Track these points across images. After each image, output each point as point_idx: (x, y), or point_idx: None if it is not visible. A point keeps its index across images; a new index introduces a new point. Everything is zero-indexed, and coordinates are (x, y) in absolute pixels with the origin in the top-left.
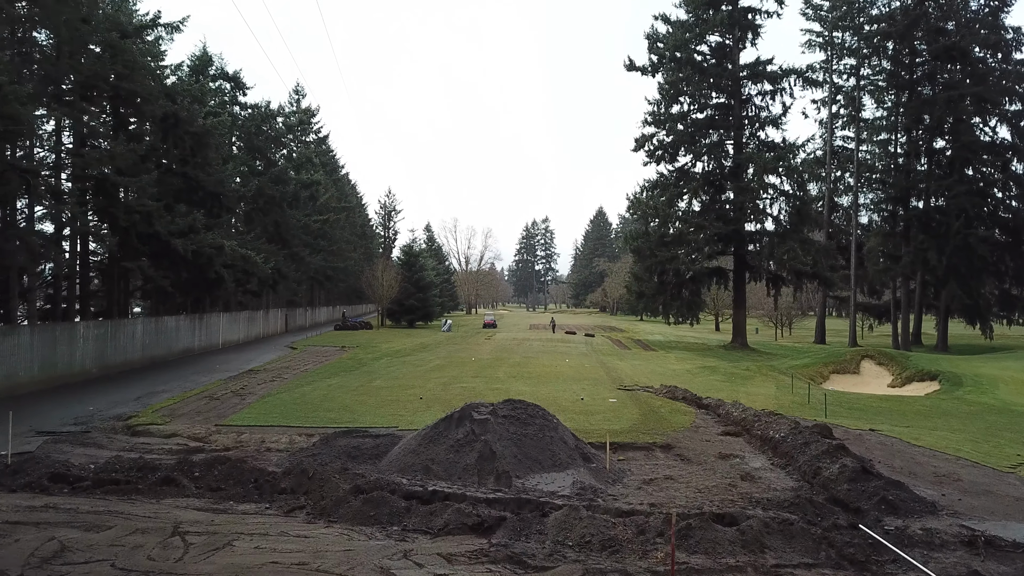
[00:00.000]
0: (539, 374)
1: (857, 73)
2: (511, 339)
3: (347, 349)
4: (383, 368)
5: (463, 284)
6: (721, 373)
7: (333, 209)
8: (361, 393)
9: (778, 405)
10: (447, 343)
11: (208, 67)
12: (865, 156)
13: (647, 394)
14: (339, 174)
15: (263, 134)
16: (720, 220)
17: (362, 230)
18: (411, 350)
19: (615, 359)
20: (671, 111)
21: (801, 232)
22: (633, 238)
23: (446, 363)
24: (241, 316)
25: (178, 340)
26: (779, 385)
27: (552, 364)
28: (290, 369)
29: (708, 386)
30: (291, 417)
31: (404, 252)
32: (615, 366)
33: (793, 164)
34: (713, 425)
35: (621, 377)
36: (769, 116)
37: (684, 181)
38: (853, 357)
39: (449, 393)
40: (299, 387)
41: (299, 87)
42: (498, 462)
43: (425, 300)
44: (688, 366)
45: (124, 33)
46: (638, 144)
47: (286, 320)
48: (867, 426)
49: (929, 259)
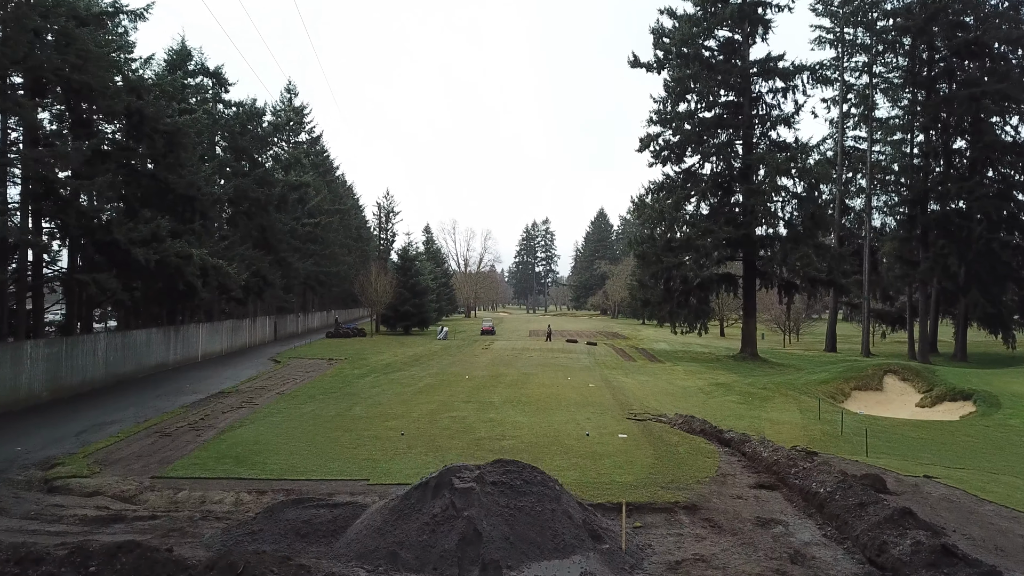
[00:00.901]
0: (538, 397)
1: (870, 70)
2: (509, 349)
3: (334, 362)
4: (367, 389)
5: (462, 287)
6: (736, 392)
7: (326, 212)
8: (335, 426)
9: (808, 437)
10: (442, 353)
11: (187, 62)
12: (879, 157)
13: (660, 425)
14: (333, 175)
15: (248, 134)
16: (729, 224)
17: (358, 232)
18: (402, 364)
19: (620, 374)
20: (678, 109)
21: (815, 237)
22: (638, 243)
23: (437, 382)
24: (223, 326)
25: (150, 355)
26: (802, 408)
27: (552, 383)
28: (266, 390)
29: (725, 410)
30: (246, 463)
31: (400, 256)
32: (621, 384)
33: (807, 165)
34: (742, 472)
35: (628, 399)
36: (781, 115)
37: (691, 183)
38: (875, 372)
39: (436, 426)
40: (268, 417)
41: (291, 85)
42: (484, 547)
43: (421, 306)
44: (699, 382)
45: (82, 21)
46: (643, 144)
47: (275, 328)
48: (919, 470)
49: (949, 265)
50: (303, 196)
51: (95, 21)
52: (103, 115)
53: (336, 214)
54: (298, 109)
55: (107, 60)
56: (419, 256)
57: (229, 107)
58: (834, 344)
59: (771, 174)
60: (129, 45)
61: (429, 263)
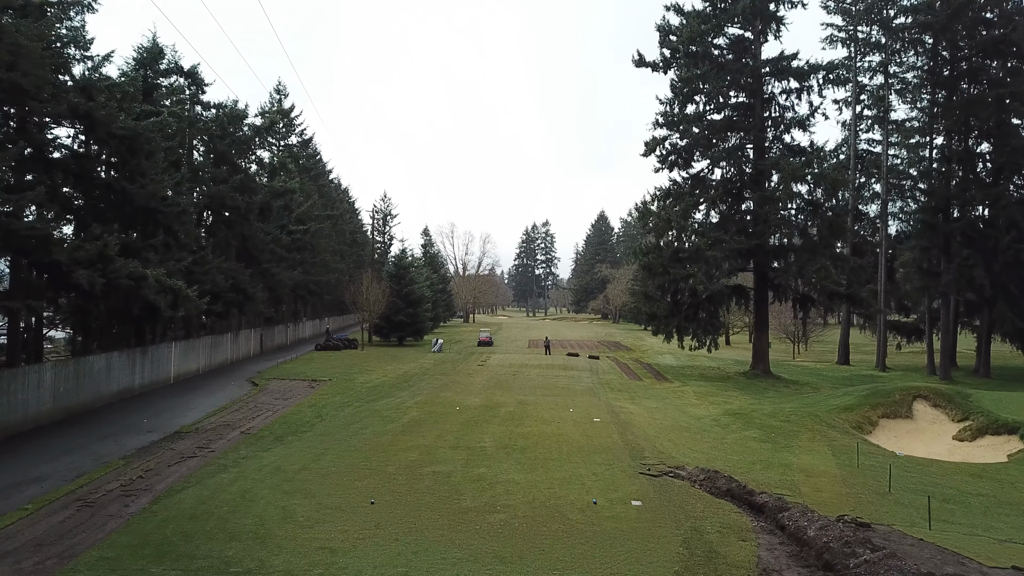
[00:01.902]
0: (537, 439)
1: (885, 70)
2: (506, 365)
3: (317, 385)
4: (344, 426)
5: (460, 291)
6: (756, 426)
7: (316, 218)
8: (295, 488)
9: (853, 497)
10: (434, 371)
11: (158, 61)
12: (895, 161)
13: (679, 483)
14: (326, 179)
15: (229, 137)
16: (741, 233)
17: (353, 237)
18: (391, 385)
19: (626, 399)
20: (685, 111)
21: (832, 247)
22: (643, 252)
23: (424, 415)
24: (201, 343)
25: (110, 381)
26: (835, 449)
27: (553, 417)
28: (229, 428)
29: (747, 452)
30: (168, 557)
31: (394, 264)
32: (629, 416)
33: (824, 170)
34: (787, 564)
35: (638, 439)
36: (795, 117)
37: (700, 189)
38: (904, 398)
39: (415, 489)
40: (219, 472)
41: (280, 86)
42: None
43: (415, 316)
44: (712, 409)
45: (18, 11)
46: (648, 148)
47: (261, 341)
48: (1003, 555)
49: (975, 276)
50: (289, 203)
51: (36, 12)
52: (47, 119)
53: (327, 220)
54: (287, 111)
55: (44, 56)
56: (414, 263)
57: (208, 109)
58: (847, 356)
59: (785, 180)
60: (84, 41)
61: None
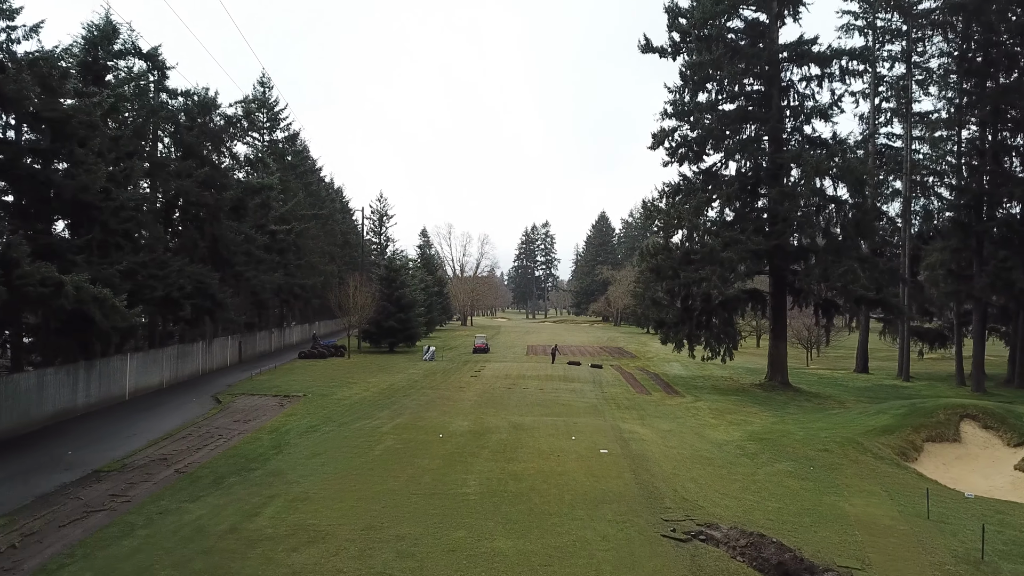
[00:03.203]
0: (532, 482)
1: (908, 59)
2: (502, 376)
3: (289, 402)
4: (303, 459)
5: (457, 293)
6: (789, 456)
7: (302, 217)
8: (210, 565)
9: (936, 566)
10: (422, 383)
11: (112, 40)
12: (918, 156)
13: (717, 554)
14: (314, 176)
15: (198, 128)
16: (758, 233)
17: (345, 239)
18: (370, 402)
19: (635, 419)
20: (696, 100)
21: (859, 248)
22: (651, 253)
23: (401, 444)
24: (165, 354)
25: (43, 402)
26: (890, 488)
27: (552, 448)
28: (165, 463)
29: (787, 496)
30: None
31: (384, 267)
32: (641, 444)
33: (849, 163)
34: None
35: (655, 480)
36: (816, 106)
37: (713, 185)
38: (948, 418)
39: (368, 567)
40: (120, 539)
41: (264, 78)
42: None
43: (407, 321)
44: (734, 433)
45: None
46: (656, 140)
47: (240, 349)
48: None
49: (1014, 280)
50: (267, 200)
51: None
52: None
53: (314, 219)
54: (267, 102)
55: None
56: (406, 265)
57: (175, 97)
58: (866, 364)
59: (808, 174)
60: (8, 10)
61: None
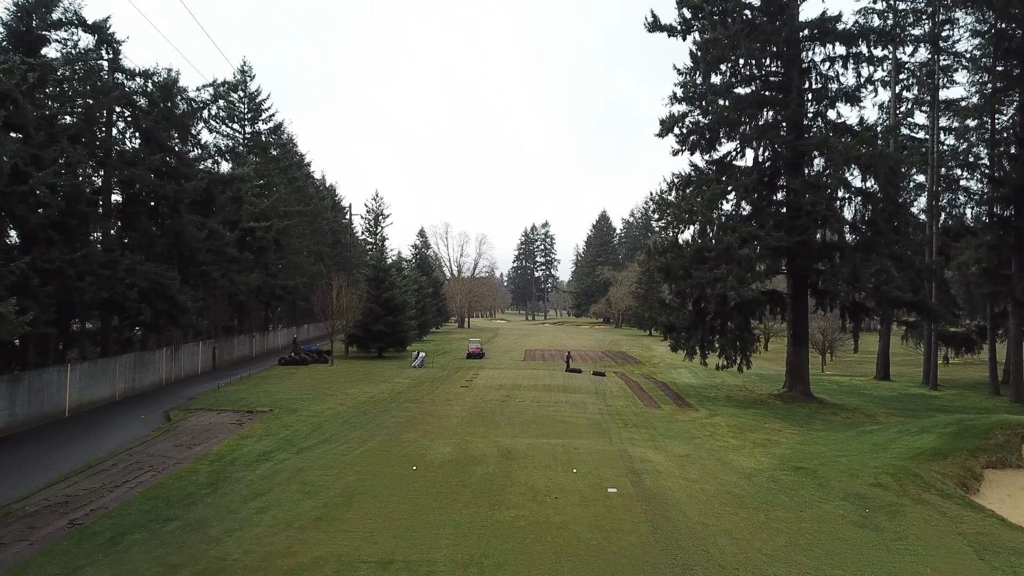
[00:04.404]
0: (522, 542)
1: (934, 42)
2: (496, 387)
3: (250, 419)
4: (237, 504)
5: (454, 294)
6: (837, 492)
7: (285, 214)
8: None
9: None
10: (407, 394)
11: (50, 8)
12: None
13: None
14: (301, 171)
15: (159, 112)
16: (780, 228)
17: (335, 237)
18: (343, 420)
19: (646, 441)
20: (710, 81)
21: (892, 245)
22: (659, 252)
23: (364, 481)
24: (118, 363)
25: None
26: (974, 544)
27: (550, 488)
28: (63, 510)
29: (850, 555)
30: None
31: (372, 267)
32: (656, 478)
33: (882, 151)
34: None
35: (679, 532)
36: (843, 88)
37: (727, 176)
38: (1009, 439)
39: None
40: None
41: (245, 66)
42: None
43: (396, 325)
44: (763, 459)
45: None
46: (665, 127)
47: (214, 355)
48: None
49: None
50: (239, 193)
51: None
52: None
53: (298, 216)
54: (253, 94)
55: None
56: (396, 265)
57: (133, 77)
58: (887, 370)
59: (836, 163)
60: None
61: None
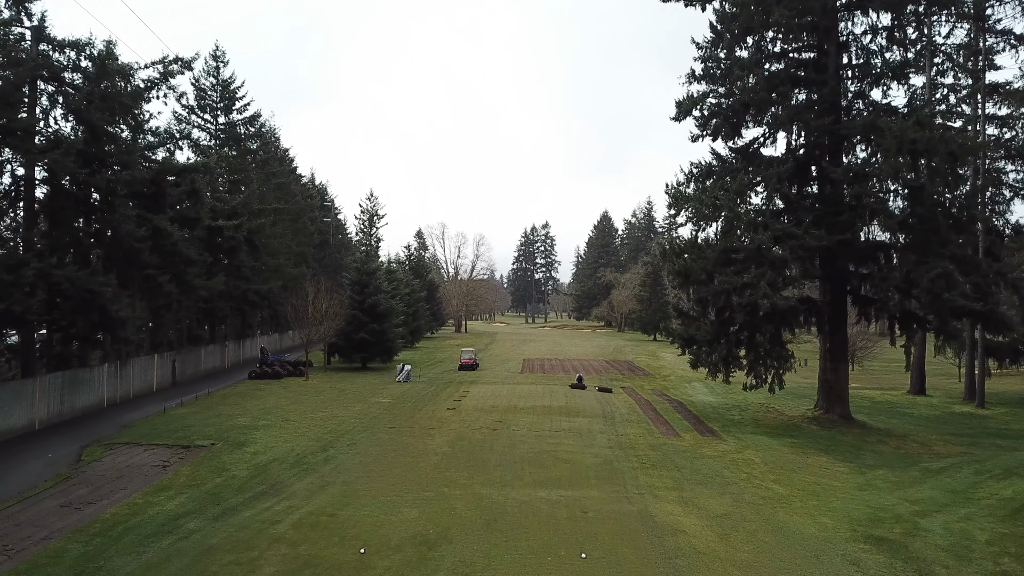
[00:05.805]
0: None
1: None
2: (487, 410)
3: (181, 459)
4: None
5: (451, 297)
6: None
7: (260, 212)
8: None
9: None
10: (382, 420)
11: None
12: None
13: None
14: (282, 167)
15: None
16: (818, 225)
17: (323, 238)
18: (294, 461)
19: (672, 492)
20: (735, 55)
21: (951, 246)
22: (676, 252)
23: (292, 567)
24: (41, 383)
25: None
26: None
27: None
28: None
29: None
30: None
31: (355, 270)
32: (695, 559)
33: (943, 135)
34: None
35: None
36: (890, 63)
37: (754, 166)
38: None
39: None
40: None
41: (218, 52)
42: None
43: (382, 333)
44: (823, 519)
45: None
46: (682, 110)
47: (174, 368)
48: None
49: None
50: (194, 186)
51: None
52: None
53: (274, 213)
54: (226, 81)
55: None
56: (381, 268)
57: (61, 49)
58: (922, 385)
59: (888, 149)
60: None
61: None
